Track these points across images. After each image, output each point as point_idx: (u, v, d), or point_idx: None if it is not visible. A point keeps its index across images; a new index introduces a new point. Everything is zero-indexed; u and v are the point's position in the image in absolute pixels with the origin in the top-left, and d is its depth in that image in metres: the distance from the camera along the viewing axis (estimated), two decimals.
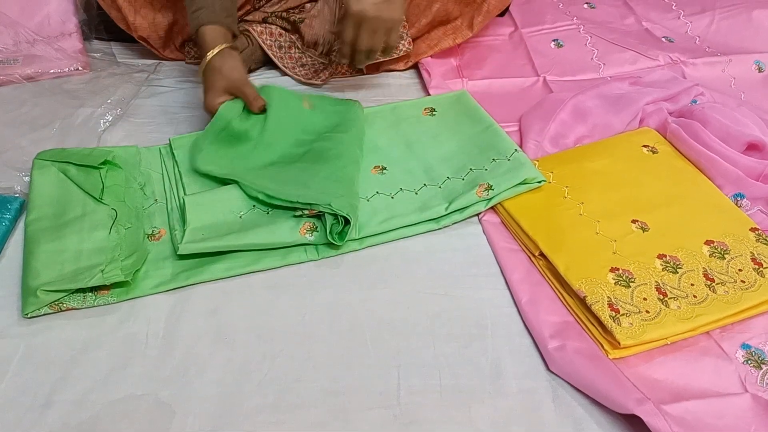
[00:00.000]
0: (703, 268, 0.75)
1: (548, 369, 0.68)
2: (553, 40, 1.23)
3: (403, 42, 1.08)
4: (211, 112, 0.90)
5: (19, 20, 1.07)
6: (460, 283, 0.77)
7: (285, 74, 1.13)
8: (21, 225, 0.82)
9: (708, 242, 0.78)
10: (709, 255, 0.77)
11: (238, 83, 0.90)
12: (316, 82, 1.11)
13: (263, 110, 0.92)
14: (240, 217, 0.81)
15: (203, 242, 0.77)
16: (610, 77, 1.13)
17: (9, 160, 0.91)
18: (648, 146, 0.93)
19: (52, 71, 1.10)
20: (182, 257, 0.78)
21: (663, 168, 0.90)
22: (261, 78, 1.13)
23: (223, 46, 0.89)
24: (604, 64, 1.16)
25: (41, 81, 1.09)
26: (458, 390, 0.66)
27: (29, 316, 0.71)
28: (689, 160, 0.91)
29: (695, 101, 1.02)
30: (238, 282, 0.76)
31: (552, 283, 0.76)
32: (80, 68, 1.12)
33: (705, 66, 1.15)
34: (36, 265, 0.74)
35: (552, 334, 0.70)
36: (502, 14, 1.27)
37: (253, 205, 0.82)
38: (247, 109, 0.92)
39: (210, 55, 0.88)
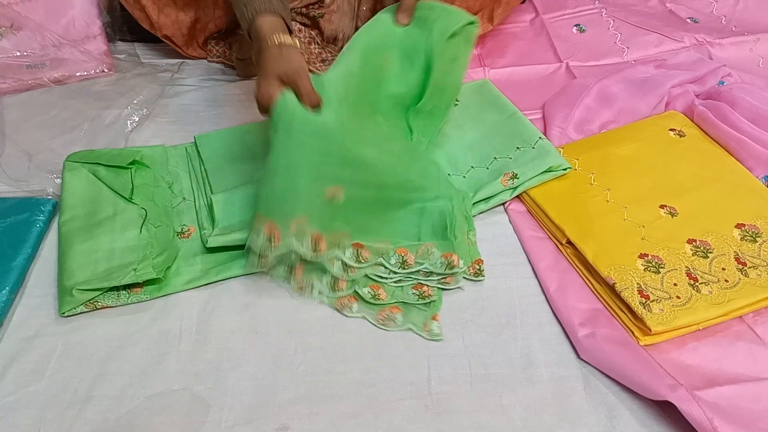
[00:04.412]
0: (735, 251, 0.74)
1: (579, 357, 0.68)
2: (576, 25, 1.22)
3: None
4: (261, 102, 0.74)
5: (45, 25, 1.08)
6: (488, 272, 0.77)
7: None
8: (54, 226, 0.84)
9: (739, 225, 0.77)
10: (741, 238, 0.76)
11: (294, 73, 0.74)
12: None
13: (317, 107, 0.73)
14: None
15: (231, 235, 0.78)
16: (635, 61, 1.12)
17: (41, 163, 0.93)
18: (675, 130, 0.92)
19: (78, 74, 1.11)
20: (212, 253, 0.79)
21: (691, 151, 0.89)
22: None
23: (283, 37, 0.77)
24: (627, 47, 1.15)
25: (69, 84, 1.10)
26: (489, 379, 0.66)
27: (66, 314, 0.72)
28: (718, 143, 0.90)
29: (722, 82, 1.01)
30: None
31: (580, 270, 0.76)
32: (106, 70, 1.13)
33: (732, 46, 1.13)
34: (71, 265, 0.76)
35: (582, 322, 0.69)
36: (522, 1, 1.26)
37: None
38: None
39: (271, 41, 0.76)
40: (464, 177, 0.88)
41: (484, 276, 0.76)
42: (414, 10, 0.84)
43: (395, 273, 0.74)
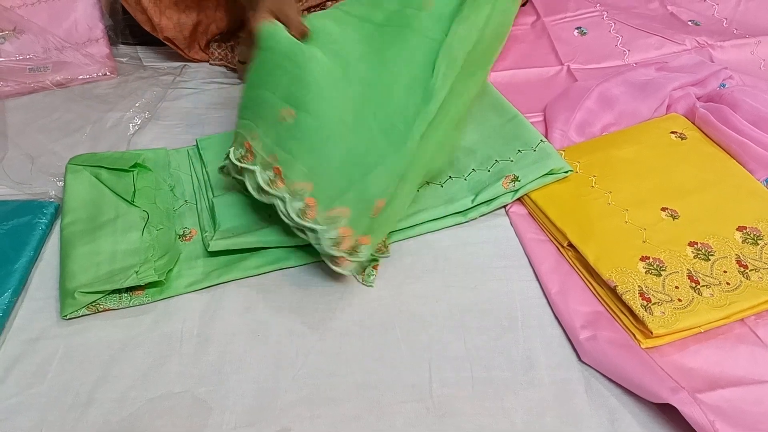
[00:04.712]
0: (736, 254, 0.74)
1: (580, 360, 0.68)
2: (577, 28, 1.22)
3: None
4: (253, 32, 0.76)
5: (47, 28, 1.09)
6: (490, 275, 0.77)
7: None
8: (56, 229, 0.84)
9: (740, 228, 0.77)
10: (742, 241, 0.76)
11: (283, 4, 0.75)
12: None
13: (304, 36, 0.75)
14: (269, 216, 0.82)
15: (233, 239, 0.78)
16: (636, 63, 1.12)
17: (43, 166, 0.93)
18: (676, 132, 0.92)
19: (81, 77, 1.12)
20: (213, 256, 0.79)
21: (692, 154, 0.89)
22: None
23: None
24: (629, 50, 1.15)
25: (71, 87, 1.11)
26: (490, 382, 0.66)
27: (68, 317, 0.72)
28: (719, 146, 0.90)
29: (724, 85, 1.01)
30: (270, 279, 0.77)
31: (581, 273, 0.76)
32: (108, 73, 1.14)
33: (733, 48, 1.13)
34: (72, 268, 0.76)
35: (583, 325, 0.69)
36: (524, 3, 1.26)
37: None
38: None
39: None
40: (465, 179, 0.88)
41: (388, 254, 0.78)
42: None
43: (288, 218, 0.72)
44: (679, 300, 0.69)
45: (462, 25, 0.75)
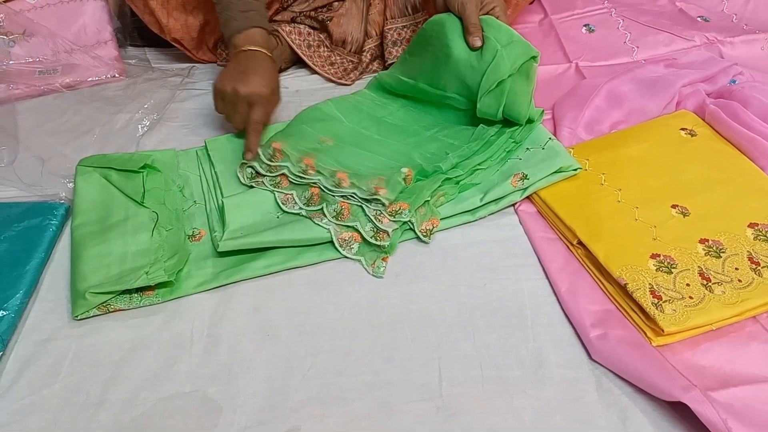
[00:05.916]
0: (748, 251, 0.74)
1: (591, 358, 0.67)
2: (585, 25, 1.21)
3: None
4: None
5: (57, 31, 1.10)
6: (499, 274, 0.77)
7: (315, 72, 1.14)
8: (67, 230, 0.85)
9: (752, 225, 0.77)
10: (754, 238, 0.75)
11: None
12: (345, 83, 1.11)
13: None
14: (277, 217, 0.82)
15: (242, 239, 0.78)
16: (645, 60, 1.11)
17: (53, 168, 0.93)
18: (686, 129, 0.91)
19: (90, 79, 1.13)
20: (223, 256, 0.79)
21: (702, 151, 0.88)
22: (291, 77, 1.15)
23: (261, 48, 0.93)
24: (637, 47, 1.14)
25: (80, 89, 1.12)
26: (500, 381, 0.66)
27: (79, 318, 0.73)
28: (729, 142, 0.89)
29: (734, 81, 1.00)
30: (279, 279, 0.78)
31: (591, 271, 0.76)
32: (117, 75, 1.14)
33: (743, 44, 1.12)
34: (83, 269, 0.76)
35: (593, 323, 0.69)
36: (531, 2, 1.26)
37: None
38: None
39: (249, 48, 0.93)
40: None
41: (429, 240, 0.81)
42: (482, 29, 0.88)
43: (329, 190, 0.82)
44: (691, 297, 0.69)
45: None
